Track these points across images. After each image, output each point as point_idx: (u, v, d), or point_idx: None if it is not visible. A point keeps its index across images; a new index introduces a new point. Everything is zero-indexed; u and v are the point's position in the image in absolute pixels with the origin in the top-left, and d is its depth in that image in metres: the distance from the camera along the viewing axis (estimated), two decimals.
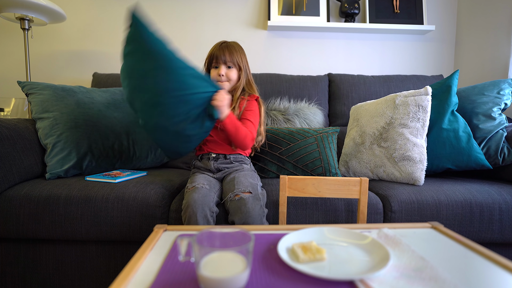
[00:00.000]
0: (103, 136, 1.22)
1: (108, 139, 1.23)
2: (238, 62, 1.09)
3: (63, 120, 1.15)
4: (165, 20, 1.84)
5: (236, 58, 1.08)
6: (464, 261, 0.51)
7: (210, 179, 1.00)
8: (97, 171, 1.21)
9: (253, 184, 0.93)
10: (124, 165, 1.29)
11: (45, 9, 1.44)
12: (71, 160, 1.12)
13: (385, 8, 1.82)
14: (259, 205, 0.86)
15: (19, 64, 1.80)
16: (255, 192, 0.89)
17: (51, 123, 1.14)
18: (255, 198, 0.87)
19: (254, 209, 0.84)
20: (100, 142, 1.21)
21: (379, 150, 1.18)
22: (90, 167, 1.18)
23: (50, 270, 0.99)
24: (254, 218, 0.83)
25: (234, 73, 1.09)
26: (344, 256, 0.52)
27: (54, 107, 1.17)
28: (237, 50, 1.10)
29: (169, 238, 0.60)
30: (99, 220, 0.94)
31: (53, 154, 1.11)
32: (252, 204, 0.85)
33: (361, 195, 0.89)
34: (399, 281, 0.44)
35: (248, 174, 1.00)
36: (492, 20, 1.64)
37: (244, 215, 0.83)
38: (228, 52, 1.08)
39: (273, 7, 1.79)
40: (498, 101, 1.15)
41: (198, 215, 0.82)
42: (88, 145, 1.17)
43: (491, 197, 0.99)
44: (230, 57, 1.08)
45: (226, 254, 0.43)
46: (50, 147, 1.11)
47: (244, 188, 0.89)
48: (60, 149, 1.11)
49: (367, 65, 1.91)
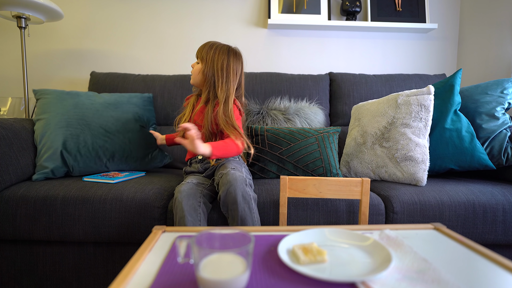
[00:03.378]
0: (94, 135, 1.19)
1: (100, 138, 1.19)
2: (205, 57, 1.05)
3: (55, 120, 1.15)
4: (161, 17, 1.83)
5: (204, 53, 1.05)
6: (467, 263, 0.50)
7: (199, 177, 1.02)
8: (87, 172, 1.17)
9: (236, 166, 0.96)
10: (117, 166, 1.24)
11: (42, 7, 1.43)
12: (56, 160, 1.10)
13: (387, 6, 1.80)
14: (241, 175, 0.89)
15: (15, 63, 1.79)
16: (237, 169, 0.93)
17: (44, 123, 1.14)
18: (236, 170, 0.91)
19: (236, 178, 0.87)
20: (90, 141, 1.17)
21: (381, 150, 1.17)
22: (78, 167, 1.14)
23: (47, 272, 0.98)
24: (237, 185, 0.85)
25: (198, 67, 1.07)
26: (345, 257, 0.51)
27: (51, 108, 1.17)
28: (215, 49, 1.06)
29: (168, 239, 0.59)
30: (97, 221, 0.93)
31: (41, 154, 1.10)
32: (234, 174, 0.88)
33: (362, 196, 0.88)
34: (401, 283, 0.43)
35: (233, 161, 1.03)
36: (495, 18, 1.62)
37: (226, 185, 0.86)
38: (203, 47, 1.07)
39: (273, 5, 1.78)
40: (501, 101, 1.14)
41: (184, 204, 0.84)
42: (75, 144, 1.14)
43: (495, 198, 0.98)
44: (202, 51, 1.06)
45: (226, 256, 0.42)
46: (39, 147, 1.11)
47: (225, 169, 0.92)
48: (47, 149, 1.10)
49: (369, 64, 1.90)
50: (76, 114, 1.19)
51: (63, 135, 1.13)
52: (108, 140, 1.21)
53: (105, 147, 1.20)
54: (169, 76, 1.64)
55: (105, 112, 1.25)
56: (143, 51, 1.83)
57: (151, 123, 1.39)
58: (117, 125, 1.25)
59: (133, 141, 1.27)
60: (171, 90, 1.58)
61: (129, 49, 1.82)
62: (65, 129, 1.15)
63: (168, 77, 1.63)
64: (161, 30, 1.83)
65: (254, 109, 1.52)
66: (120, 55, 1.81)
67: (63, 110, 1.17)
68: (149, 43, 1.83)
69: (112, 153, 1.22)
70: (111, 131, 1.23)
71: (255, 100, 1.59)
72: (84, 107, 1.22)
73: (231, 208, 0.85)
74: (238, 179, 0.87)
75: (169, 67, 1.84)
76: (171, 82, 1.61)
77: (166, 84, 1.60)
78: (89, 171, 1.18)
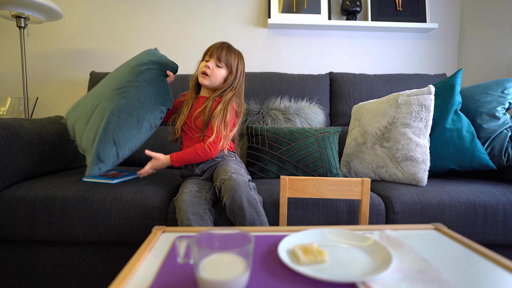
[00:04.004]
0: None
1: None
2: (231, 64, 1.05)
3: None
4: (161, 16, 1.82)
5: (231, 60, 1.05)
6: (468, 263, 0.50)
7: (199, 182, 1.00)
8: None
9: (236, 168, 0.95)
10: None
11: (41, 7, 1.43)
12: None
13: (387, 6, 1.80)
14: (243, 179, 0.88)
15: (15, 62, 1.79)
16: (238, 172, 0.91)
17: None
18: (238, 174, 0.90)
19: (239, 183, 0.86)
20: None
21: (381, 150, 1.17)
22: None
23: (47, 273, 0.98)
24: (241, 190, 0.84)
25: (220, 73, 1.04)
26: (345, 258, 0.51)
27: None
28: (236, 54, 1.07)
29: (168, 239, 0.59)
30: (96, 221, 0.93)
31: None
32: (236, 179, 0.87)
33: (363, 196, 0.88)
34: (401, 284, 0.43)
35: (231, 162, 1.02)
36: (496, 17, 1.62)
37: (230, 191, 0.85)
38: (226, 51, 1.04)
39: (273, 4, 1.78)
40: (502, 100, 1.14)
41: (189, 213, 0.83)
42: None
43: (495, 198, 0.98)
44: (226, 56, 1.04)
45: (226, 256, 0.42)
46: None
47: (227, 172, 0.91)
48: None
49: (369, 63, 1.89)
50: None
51: None
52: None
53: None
54: None
55: None
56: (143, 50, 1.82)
57: None
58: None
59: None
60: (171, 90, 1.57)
61: (129, 49, 1.82)
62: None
63: None
64: (161, 29, 1.83)
65: (254, 109, 1.51)
66: (120, 55, 1.81)
67: None
68: (149, 43, 1.82)
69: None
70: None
71: (255, 100, 1.59)
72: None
73: (237, 214, 0.84)
74: (241, 184, 0.86)
75: None
76: None
77: None
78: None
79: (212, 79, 1.04)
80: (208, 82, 1.05)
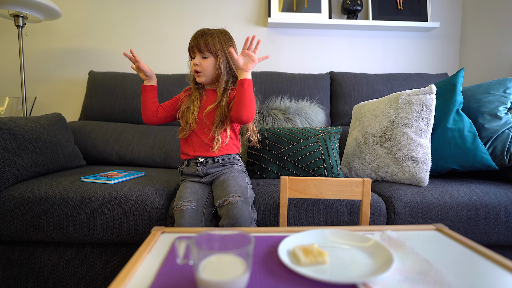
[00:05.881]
0: None
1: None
2: (215, 49, 0.98)
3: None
4: (160, 16, 1.82)
5: (210, 45, 0.97)
6: (470, 264, 0.50)
7: (197, 189, 0.95)
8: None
9: (243, 187, 0.91)
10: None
11: (40, 6, 1.42)
12: None
13: (388, 4, 1.80)
14: (248, 210, 0.85)
15: (13, 62, 1.78)
16: (244, 196, 0.88)
17: None
18: (244, 202, 0.86)
19: (243, 214, 0.83)
20: None
21: (382, 150, 1.16)
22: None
23: (45, 273, 0.97)
24: (242, 223, 0.82)
25: (209, 63, 0.99)
26: (346, 259, 0.51)
27: None
28: (215, 37, 0.99)
29: (167, 240, 0.59)
30: (95, 222, 0.92)
31: None
32: (241, 209, 0.84)
33: (363, 197, 0.88)
34: (402, 285, 0.43)
35: (237, 176, 0.96)
36: (498, 16, 1.62)
37: (232, 219, 0.82)
38: (203, 40, 0.97)
39: (273, 3, 1.77)
40: (504, 100, 1.13)
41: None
42: None
43: (497, 198, 0.97)
44: (205, 44, 0.97)
45: (226, 257, 0.42)
46: None
47: (233, 193, 0.87)
48: None
49: (370, 63, 1.89)
50: None
51: None
52: None
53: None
54: (168, 75, 1.63)
55: None
56: (142, 50, 1.82)
57: None
58: None
59: None
60: (170, 90, 1.58)
61: (128, 48, 1.81)
62: None
63: (167, 76, 1.63)
64: (160, 29, 1.82)
65: None
66: (119, 54, 1.80)
67: None
68: (148, 42, 1.82)
69: None
70: None
71: (255, 99, 1.58)
72: None
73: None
74: (245, 217, 0.83)
75: (168, 66, 1.83)
76: (170, 81, 1.60)
77: (165, 83, 1.59)
78: None
79: (205, 73, 1.01)
80: (203, 78, 1.02)
